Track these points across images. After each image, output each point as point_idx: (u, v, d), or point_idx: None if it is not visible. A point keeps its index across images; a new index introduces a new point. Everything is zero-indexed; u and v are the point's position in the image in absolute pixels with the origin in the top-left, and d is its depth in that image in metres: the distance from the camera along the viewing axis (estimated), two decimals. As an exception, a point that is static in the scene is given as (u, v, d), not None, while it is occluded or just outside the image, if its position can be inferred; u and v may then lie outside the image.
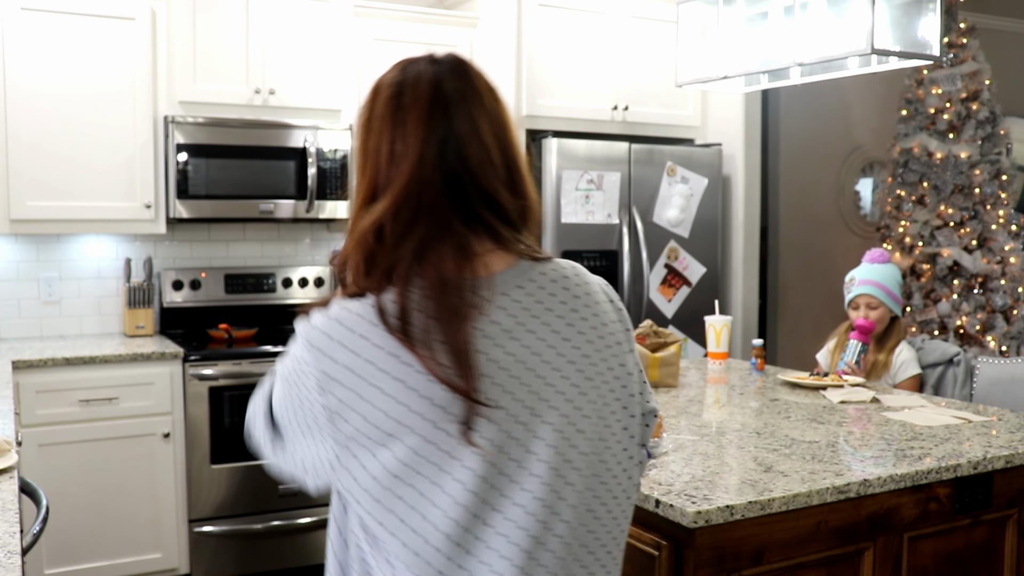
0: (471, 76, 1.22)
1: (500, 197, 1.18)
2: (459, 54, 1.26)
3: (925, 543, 2.02)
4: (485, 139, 1.18)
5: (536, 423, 1.15)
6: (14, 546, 1.51)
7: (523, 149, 1.20)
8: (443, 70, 1.21)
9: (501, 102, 1.23)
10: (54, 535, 3.52)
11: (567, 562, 1.17)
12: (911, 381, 3.20)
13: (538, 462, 1.15)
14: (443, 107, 1.18)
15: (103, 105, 3.86)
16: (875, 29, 2.72)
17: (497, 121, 1.21)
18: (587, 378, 1.20)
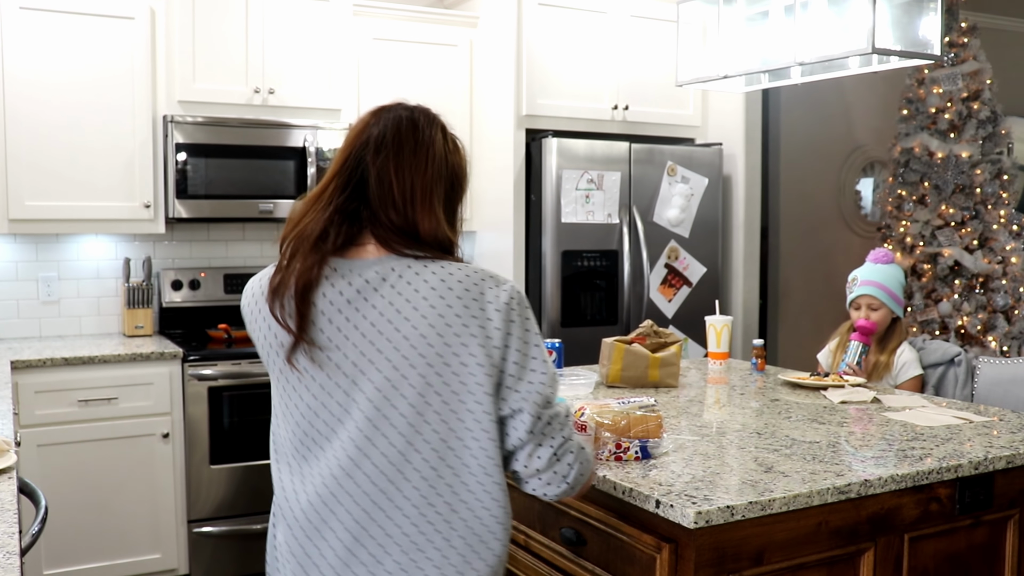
0: (409, 130, 1.65)
1: (384, 216, 1.59)
2: (415, 109, 1.69)
3: (926, 543, 2.01)
4: (389, 177, 1.60)
5: (360, 377, 1.54)
6: (13, 547, 1.51)
7: (434, 189, 1.63)
8: (386, 125, 1.67)
9: (426, 152, 1.63)
10: (53, 536, 3.52)
11: (370, 497, 1.53)
12: (912, 382, 3.19)
13: (358, 410, 1.54)
14: (374, 148, 1.63)
15: (102, 104, 3.85)
16: (876, 28, 2.71)
17: (410, 168, 1.61)
18: (420, 354, 1.52)
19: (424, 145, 1.62)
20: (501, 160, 4.36)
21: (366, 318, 1.54)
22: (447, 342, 1.52)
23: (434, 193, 1.61)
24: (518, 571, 2.18)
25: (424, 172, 1.61)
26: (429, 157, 1.62)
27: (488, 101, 4.48)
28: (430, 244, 1.60)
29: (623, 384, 2.94)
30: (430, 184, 1.61)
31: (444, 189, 1.64)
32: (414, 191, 1.59)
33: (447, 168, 1.65)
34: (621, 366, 2.93)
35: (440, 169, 1.63)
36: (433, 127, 1.66)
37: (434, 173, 1.62)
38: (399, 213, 1.59)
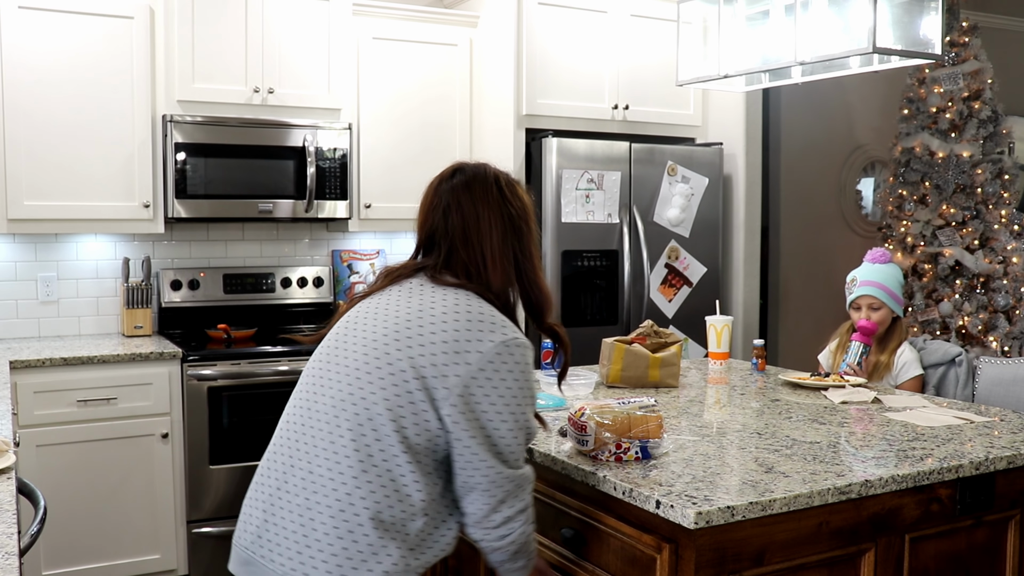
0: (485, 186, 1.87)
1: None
2: (468, 176, 1.88)
3: (927, 544, 2.01)
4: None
5: (331, 370, 1.78)
6: (12, 547, 1.50)
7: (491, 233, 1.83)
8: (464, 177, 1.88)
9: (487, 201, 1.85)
10: (52, 536, 3.51)
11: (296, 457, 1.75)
12: (913, 382, 3.19)
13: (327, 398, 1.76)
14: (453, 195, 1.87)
15: (101, 104, 3.85)
16: (877, 28, 2.70)
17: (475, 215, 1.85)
18: (370, 360, 1.73)
19: (484, 215, 1.83)
20: (501, 160, 4.31)
21: (354, 323, 1.83)
22: (410, 355, 1.71)
23: (502, 252, 1.83)
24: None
25: (490, 232, 1.83)
26: (492, 223, 1.83)
27: (488, 101, 4.48)
28: (503, 295, 1.83)
29: (623, 384, 2.94)
30: (497, 244, 1.82)
31: (512, 240, 1.84)
32: (484, 260, 1.82)
33: (510, 219, 1.85)
34: (621, 366, 2.93)
35: (503, 223, 1.84)
36: (487, 181, 1.86)
37: (499, 230, 1.83)
38: (468, 276, 1.82)
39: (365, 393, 1.71)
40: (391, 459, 1.68)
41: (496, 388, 1.71)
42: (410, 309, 1.76)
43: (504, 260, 1.82)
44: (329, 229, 4.60)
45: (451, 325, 1.72)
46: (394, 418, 1.68)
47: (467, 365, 1.69)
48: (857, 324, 3.23)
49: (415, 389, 1.69)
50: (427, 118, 4.42)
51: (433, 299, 1.77)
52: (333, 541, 1.67)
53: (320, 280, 4.52)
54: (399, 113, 4.37)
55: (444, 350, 1.70)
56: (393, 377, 1.70)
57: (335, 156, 4.16)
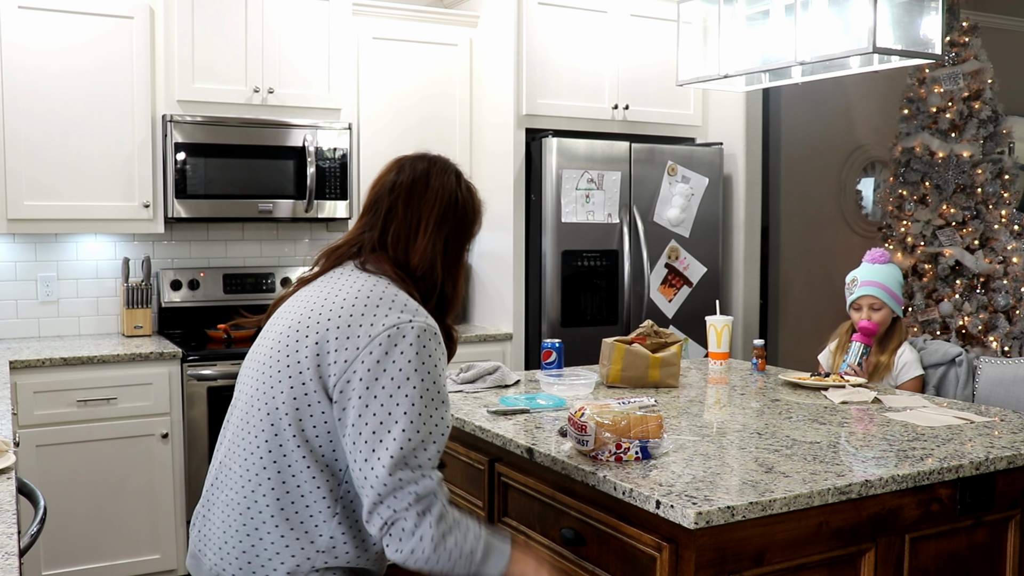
0: (423, 173, 1.81)
1: (382, 246, 1.79)
2: (433, 158, 1.85)
3: (927, 544, 2.01)
4: (398, 211, 1.80)
5: (249, 365, 1.77)
6: (12, 547, 1.50)
7: (438, 226, 1.79)
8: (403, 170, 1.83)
9: (435, 192, 1.80)
10: (52, 536, 3.51)
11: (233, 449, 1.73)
12: (913, 382, 3.19)
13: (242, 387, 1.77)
14: (389, 189, 1.82)
15: (101, 104, 3.85)
16: (877, 28, 2.70)
17: (417, 205, 1.79)
18: (277, 353, 1.69)
19: (433, 189, 1.78)
20: (501, 160, 4.35)
21: (283, 314, 1.78)
22: (305, 344, 1.66)
23: (437, 229, 1.76)
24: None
25: (432, 207, 1.77)
26: (440, 196, 1.77)
27: (488, 100, 4.47)
28: (418, 280, 1.75)
29: (623, 384, 2.93)
30: (435, 219, 1.76)
31: (450, 227, 1.78)
32: (416, 226, 1.75)
33: (456, 208, 1.80)
34: (621, 366, 2.93)
35: (448, 208, 1.78)
36: (445, 175, 1.81)
37: (440, 209, 1.77)
38: (396, 243, 1.76)
39: (270, 386, 1.67)
40: (290, 455, 1.64)
41: (386, 372, 1.58)
42: (318, 297, 1.72)
43: (434, 237, 1.75)
44: (329, 229, 4.60)
45: (348, 306, 1.65)
46: (293, 412, 1.63)
47: (356, 349, 1.60)
48: (858, 325, 3.23)
49: (311, 379, 1.62)
50: (427, 117, 4.42)
51: (342, 284, 1.71)
52: (242, 538, 1.67)
53: (320, 280, 4.52)
54: (399, 113, 4.37)
55: (337, 334, 1.62)
56: (291, 368, 1.65)
57: (335, 156, 4.15)
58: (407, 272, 1.74)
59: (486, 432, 2.31)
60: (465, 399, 2.71)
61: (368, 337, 1.60)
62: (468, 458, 2.41)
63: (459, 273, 1.82)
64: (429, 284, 1.75)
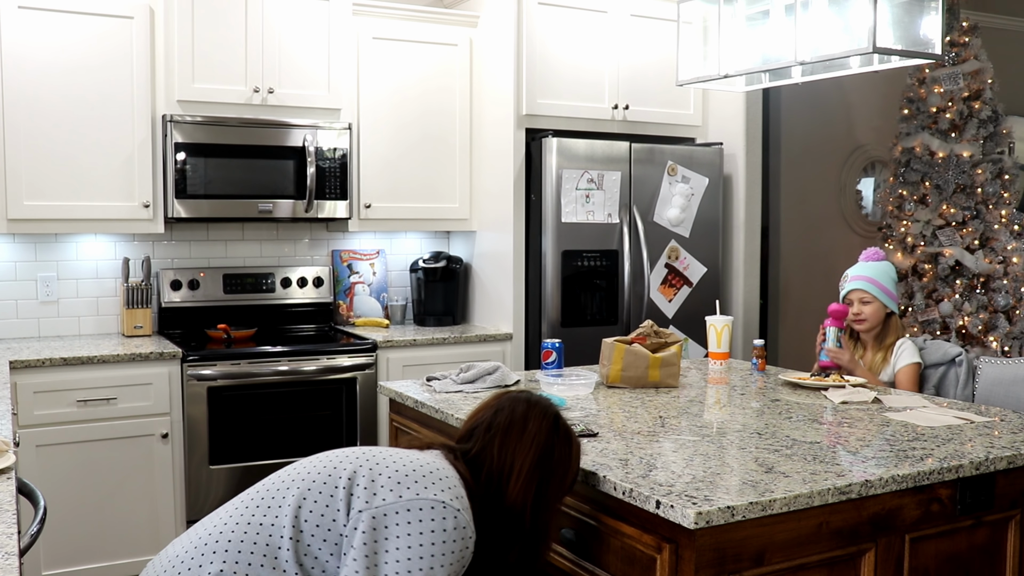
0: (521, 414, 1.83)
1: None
2: (529, 401, 1.88)
3: (927, 544, 2.01)
4: (492, 452, 1.81)
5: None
6: (11, 547, 1.50)
7: (533, 472, 1.79)
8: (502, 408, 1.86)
9: (532, 437, 1.81)
10: (52, 536, 3.51)
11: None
12: (910, 368, 3.17)
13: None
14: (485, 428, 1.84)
15: (101, 104, 3.85)
16: (877, 28, 2.70)
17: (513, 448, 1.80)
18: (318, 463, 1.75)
19: (535, 430, 1.80)
20: (501, 160, 4.35)
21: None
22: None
23: (532, 474, 1.76)
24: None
25: (528, 452, 1.78)
26: (536, 441, 1.79)
27: (488, 100, 4.47)
28: (514, 514, 1.74)
29: (623, 384, 2.93)
30: (530, 464, 1.76)
31: (542, 475, 1.77)
32: (511, 465, 1.76)
33: (551, 456, 1.80)
34: (621, 366, 2.93)
35: (544, 455, 1.79)
36: (543, 422, 1.81)
37: (535, 454, 1.78)
38: (489, 480, 1.76)
39: (292, 479, 1.74)
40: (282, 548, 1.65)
41: (409, 536, 1.60)
42: (384, 450, 1.77)
43: (527, 484, 1.76)
44: (329, 229, 4.60)
45: (405, 465, 1.69)
46: (300, 504, 1.67)
47: (396, 499, 1.62)
48: (828, 309, 3.23)
49: (342, 487, 1.66)
50: (427, 118, 4.42)
51: (413, 454, 1.76)
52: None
53: (320, 280, 4.52)
54: (399, 113, 4.37)
55: (389, 475, 1.66)
56: (328, 471, 1.70)
57: (335, 156, 4.15)
58: (500, 508, 1.75)
59: (486, 432, 2.31)
60: (465, 399, 2.71)
61: (402, 499, 1.63)
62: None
63: (551, 520, 1.82)
64: (516, 525, 1.76)
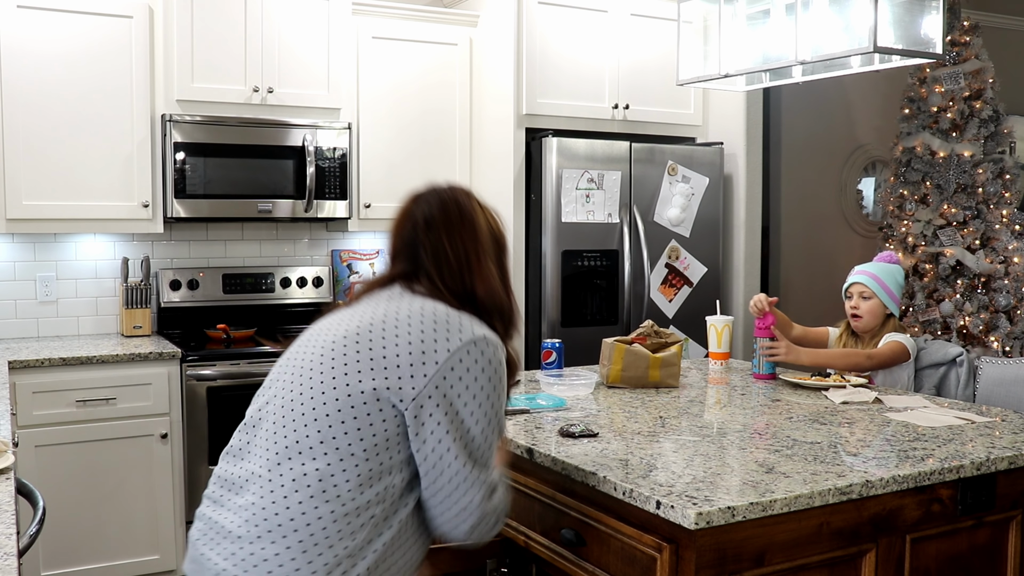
0: (455, 207, 1.80)
1: (441, 281, 1.76)
2: (453, 189, 1.84)
3: (928, 545, 2.00)
4: (444, 248, 1.77)
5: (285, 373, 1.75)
6: (11, 548, 1.50)
7: (486, 255, 1.80)
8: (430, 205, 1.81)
9: (473, 224, 1.80)
10: (51, 536, 3.50)
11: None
12: (894, 342, 3.11)
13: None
14: (424, 227, 1.79)
15: (100, 104, 3.84)
16: (877, 27, 2.69)
17: (461, 238, 1.78)
18: (325, 359, 1.68)
19: (469, 216, 1.78)
20: (501, 159, 4.35)
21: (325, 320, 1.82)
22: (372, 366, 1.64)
23: (486, 256, 1.77)
24: (518, 571, 2.17)
25: (475, 238, 1.77)
26: (476, 226, 1.78)
27: (488, 100, 4.47)
28: (488, 308, 1.75)
29: (623, 384, 2.93)
30: (482, 248, 1.77)
31: (493, 252, 1.80)
32: (468, 257, 1.75)
33: (492, 232, 1.81)
34: (621, 366, 2.92)
35: (486, 235, 1.79)
36: (471, 201, 1.81)
37: (482, 238, 1.78)
38: (455, 278, 1.74)
39: (318, 391, 1.65)
40: (332, 457, 1.62)
41: (468, 387, 1.64)
42: (374, 316, 1.70)
43: (488, 263, 1.77)
44: (329, 229, 4.59)
45: (416, 328, 1.66)
46: (342, 416, 1.62)
47: (435, 364, 1.62)
48: (756, 324, 3.17)
49: (368, 390, 1.62)
50: (427, 117, 4.41)
51: (399, 307, 1.70)
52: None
53: (320, 280, 4.52)
54: (399, 112, 4.37)
55: (410, 351, 1.63)
56: (346, 377, 1.64)
57: (335, 156, 4.15)
58: (475, 305, 1.74)
59: (486, 432, 2.31)
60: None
61: (447, 352, 1.63)
62: (468, 458, 2.41)
63: (511, 288, 1.84)
64: (497, 309, 1.76)
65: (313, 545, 1.58)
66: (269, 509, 1.61)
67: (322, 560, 1.57)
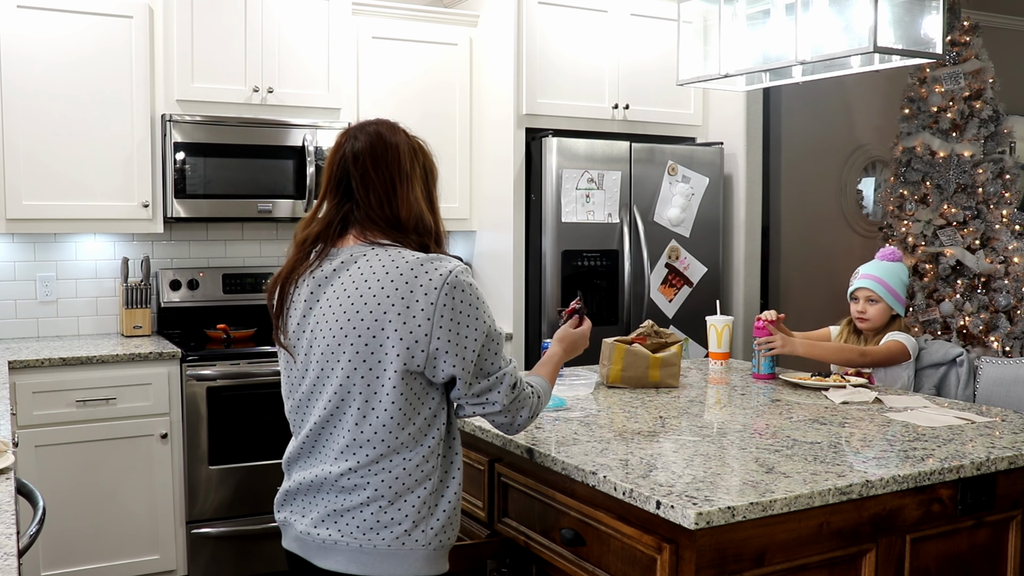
0: (379, 138, 1.91)
1: (368, 211, 1.86)
2: (378, 123, 1.95)
3: (928, 545, 2.00)
4: (369, 177, 1.87)
5: (311, 352, 1.87)
6: (10, 548, 1.50)
7: (411, 180, 1.90)
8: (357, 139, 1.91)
9: (396, 152, 1.89)
10: (51, 537, 3.50)
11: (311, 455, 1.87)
12: (893, 341, 3.12)
13: (308, 382, 1.87)
14: (352, 159, 1.89)
15: (100, 104, 3.84)
16: (877, 27, 2.69)
17: (385, 166, 1.88)
18: (353, 331, 1.78)
19: (393, 147, 1.88)
20: (501, 159, 4.35)
21: (319, 302, 1.84)
22: (376, 319, 1.76)
23: (411, 184, 1.87)
24: (518, 572, 2.17)
25: (399, 167, 1.87)
26: (401, 155, 1.88)
27: (488, 100, 4.47)
28: (414, 230, 1.86)
29: (624, 384, 2.93)
30: (406, 176, 1.87)
31: (421, 175, 1.90)
32: (393, 183, 1.86)
33: (419, 161, 1.91)
34: (621, 366, 2.92)
35: (412, 161, 1.89)
36: (396, 133, 1.92)
37: (407, 163, 1.88)
38: (381, 205, 1.85)
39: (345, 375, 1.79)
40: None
41: (460, 322, 1.77)
42: (360, 290, 1.79)
43: (413, 184, 1.88)
44: (329, 229, 4.58)
45: (392, 288, 1.77)
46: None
47: (427, 318, 1.75)
48: (755, 325, 3.19)
49: (389, 360, 1.76)
50: (427, 117, 4.41)
51: (370, 271, 1.80)
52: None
53: (320, 280, 4.51)
54: (399, 112, 4.31)
55: (400, 309, 1.75)
56: (368, 352, 1.78)
57: (335, 156, 4.14)
58: (399, 228, 1.85)
59: (486, 432, 2.31)
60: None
61: (430, 304, 1.75)
62: (468, 458, 2.41)
63: (437, 210, 1.95)
64: (424, 230, 1.88)
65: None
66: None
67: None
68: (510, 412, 1.87)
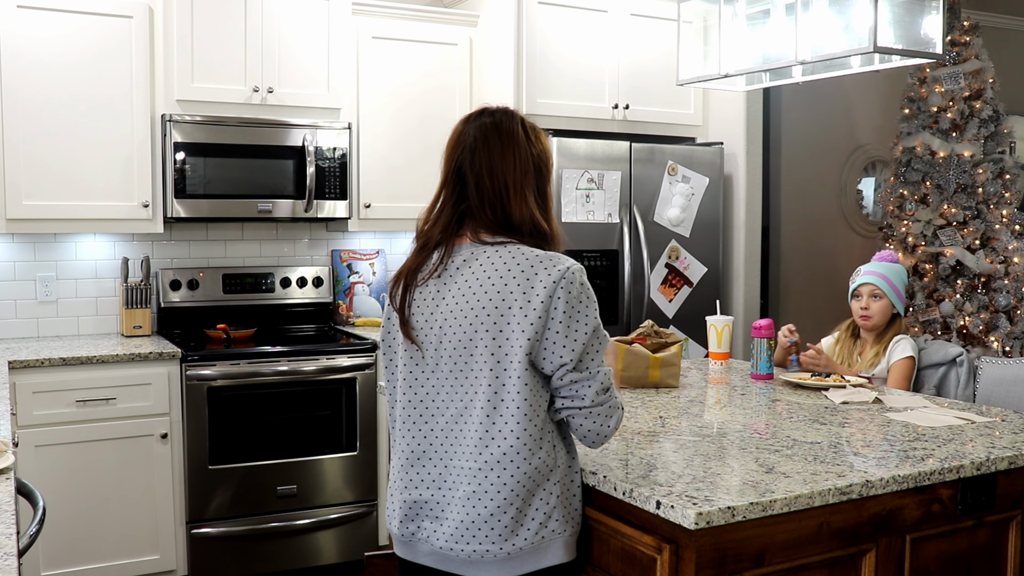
0: (495, 132, 1.92)
1: (481, 212, 1.90)
2: (496, 112, 1.95)
3: (928, 545, 2.00)
4: (484, 178, 1.90)
5: (441, 348, 1.88)
6: (10, 548, 1.50)
7: (524, 181, 1.91)
8: (475, 130, 1.93)
9: (513, 149, 1.91)
10: (51, 537, 3.51)
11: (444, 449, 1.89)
12: (904, 363, 3.15)
13: (439, 377, 1.89)
14: (470, 154, 1.92)
15: (100, 104, 3.84)
16: (877, 27, 2.70)
17: (500, 166, 1.90)
18: (481, 327, 1.83)
19: (510, 143, 1.90)
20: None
21: (445, 299, 1.87)
22: (502, 314, 1.81)
23: (524, 185, 1.89)
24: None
25: (513, 168, 1.89)
26: (516, 153, 1.90)
27: (488, 100, 4.44)
28: (527, 232, 1.89)
29: (624, 384, 2.93)
30: (520, 178, 1.89)
31: (533, 179, 1.91)
32: (506, 186, 1.88)
33: (532, 159, 1.92)
34: (622, 366, 2.92)
35: (526, 162, 1.90)
36: (514, 122, 1.92)
37: (521, 166, 1.90)
38: (493, 208, 1.88)
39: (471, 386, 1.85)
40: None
41: (575, 318, 1.81)
42: (481, 291, 1.84)
43: (525, 192, 1.89)
44: (329, 229, 4.59)
45: (514, 280, 1.81)
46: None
47: (545, 311, 1.79)
48: (754, 324, 3.18)
49: (518, 360, 1.81)
50: (427, 117, 4.41)
51: (488, 272, 1.84)
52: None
53: (320, 280, 4.52)
54: (399, 112, 4.37)
55: (522, 304, 1.79)
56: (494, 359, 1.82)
57: (334, 156, 4.15)
58: (513, 231, 1.88)
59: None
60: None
61: (548, 296, 1.79)
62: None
63: (552, 213, 1.96)
64: (538, 233, 1.90)
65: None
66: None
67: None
68: (598, 416, 1.85)
